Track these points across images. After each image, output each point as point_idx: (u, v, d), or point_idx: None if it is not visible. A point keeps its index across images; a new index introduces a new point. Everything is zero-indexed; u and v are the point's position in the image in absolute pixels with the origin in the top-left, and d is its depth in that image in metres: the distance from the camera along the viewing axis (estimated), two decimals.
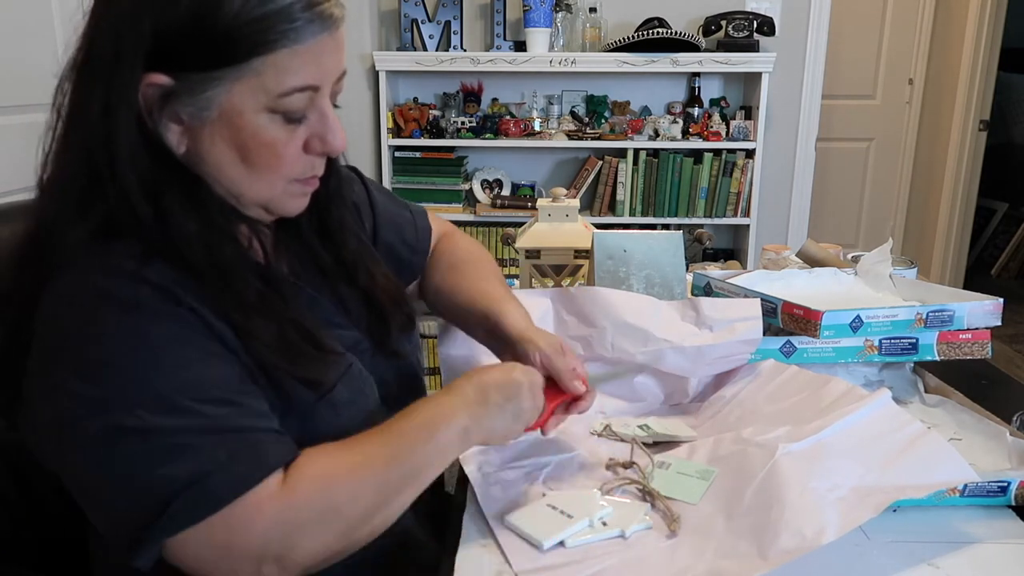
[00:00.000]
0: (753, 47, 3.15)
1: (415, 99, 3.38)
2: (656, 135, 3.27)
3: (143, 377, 0.66)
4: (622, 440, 1.00)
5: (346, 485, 0.71)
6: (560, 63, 3.13)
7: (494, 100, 3.39)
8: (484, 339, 1.01)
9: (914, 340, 1.09)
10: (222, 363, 0.71)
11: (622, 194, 3.30)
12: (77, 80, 0.71)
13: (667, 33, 3.03)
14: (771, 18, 3.15)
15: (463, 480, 0.91)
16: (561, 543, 0.79)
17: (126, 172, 0.69)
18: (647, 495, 0.86)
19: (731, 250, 3.50)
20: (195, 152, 0.73)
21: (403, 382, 0.93)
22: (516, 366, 0.85)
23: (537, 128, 3.28)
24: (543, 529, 0.80)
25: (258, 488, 0.67)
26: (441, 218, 1.17)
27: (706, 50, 3.13)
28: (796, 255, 1.51)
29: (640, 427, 1.00)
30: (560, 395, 0.90)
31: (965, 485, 0.83)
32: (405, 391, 0.92)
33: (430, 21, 3.21)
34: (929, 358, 1.10)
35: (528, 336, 0.93)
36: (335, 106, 0.78)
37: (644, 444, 0.98)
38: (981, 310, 1.10)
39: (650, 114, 3.39)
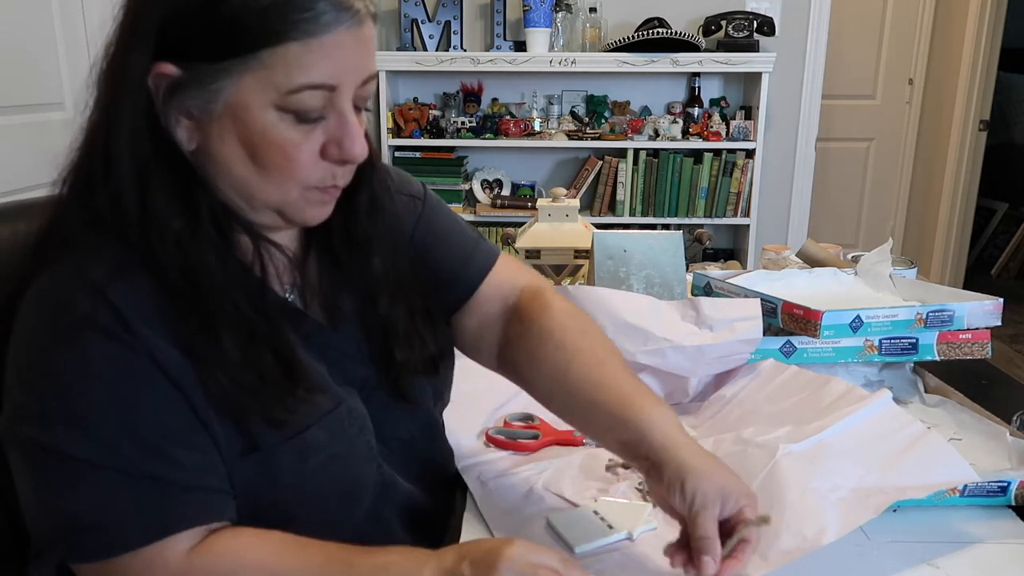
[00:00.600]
0: (753, 47, 3.16)
1: (415, 99, 3.38)
2: (656, 135, 3.27)
3: (72, 397, 0.64)
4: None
5: None
6: (560, 63, 3.13)
7: (494, 100, 3.39)
8: (615, 448, 0.79)
9: (914, 340, 1.09)
10: (164, 404, 0.66)
11: (622, 194, 3.31)
12: (100, 70, 0.69)
13: (667, 33, 3.03)
14: (771, 18, 3.15)
15: (463, 481, 0.91)
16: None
17: (123, 159, 0.67)
18: (647, 495, 0.86)
19: (731, 250, 3.51)
20: (204, 149, 0.69)
21: (415, 430, 0.85)
22: (517, 543, 0.64)
23: (537, 128, 3.28)
24: (581, 535, 0.78)
25: (155, 546, 0.64)
26: (531, 270, 0.97)
27: (706, 50, 3.14)
28: (796, 255, 1.51)
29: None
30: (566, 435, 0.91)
31: (965, 485, 0.83)
32: (416, 441, 0.85)
33: (430, 21, 3.21)
34: (929, 358, 1.10)
35: (677, 462, 0.71)
36: (365, 110, 0.73)
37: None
38: (981, 310, 1.10)
39: (650, 114, 3.39)
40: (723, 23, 3.15)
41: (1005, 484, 0.84)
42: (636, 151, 3.26)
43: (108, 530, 0.63)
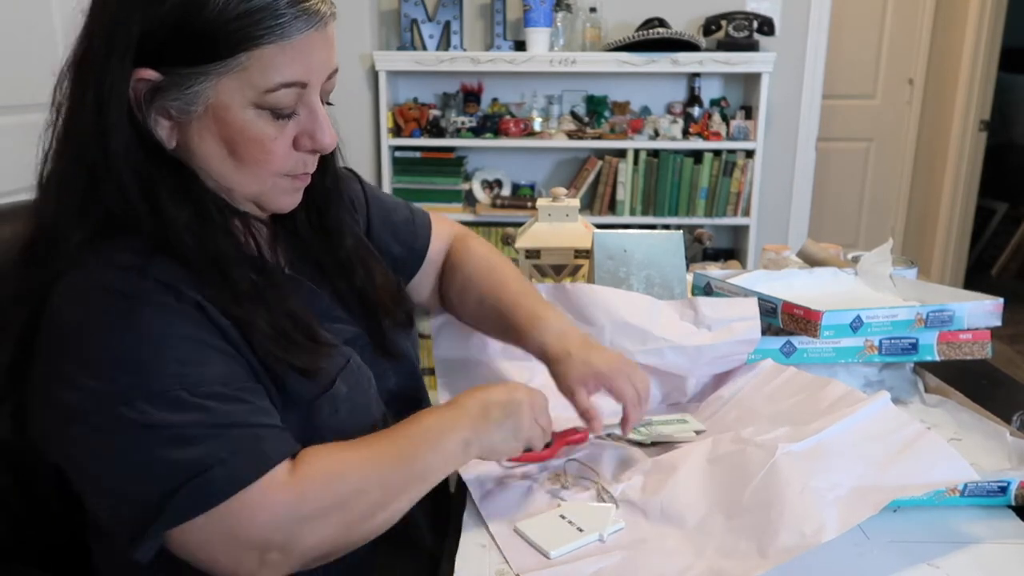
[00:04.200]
0: (753, 47, 3.15)
1: (415, 99, 3.38)
2: (656, 135, 3.27)
3: (145, 371, 0.67)
4: (621, 441, 1.00)
5: (353, 480, 0.73)
6: (560, 63, 3.13)
7: (494, 100, 3.39)
8: (521, 347, 1.01)
9: (914, 340, 1.09)
10: (224, 358, 0.72)
11: (622, 194, 3.30)
12: (73, 77, 0.72)
13: (667, 33, 3.03)
14: (771, 18, 3.15)
15: (463, 481, 0.91)
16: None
17: (120, 167, 0.70)
18: (605, 494, 0.87)
19: (731, 250, 3.50)
20: (185, 147, 0.74)
21: (402, 380, 0.94)
22: (520, 387, 0.86)
23: (537, 128, 3.28)
24: (552, 540, 0.80)
25: (261, 481, 0.68)
26: (451, 220, 1.16)
27: (706, 50, 3.13)
28: (796, 255, 1.51)
29: (641, 426, 1.00)
30: (573, 434, 0.93)
31: (965, 485, 0.83)
32: (404, 389, 0.94)
33: (430, 21, 3.21)
34: (929, 358, 1.10)
35: (561, 360, 0.94)
36: (328, 103, 0.79)
37: (641, 445, 0.98)
38: (981, 310, 1.10)
39: (650, 114, 3.39)
40: (723, 23, 3.15)
41: (1005, 484, 0.84)
42: (636, 151, 3.26)
43: (213, 477, 0.67)
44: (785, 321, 1.09)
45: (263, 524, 0.68)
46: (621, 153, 3.29)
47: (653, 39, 3.04)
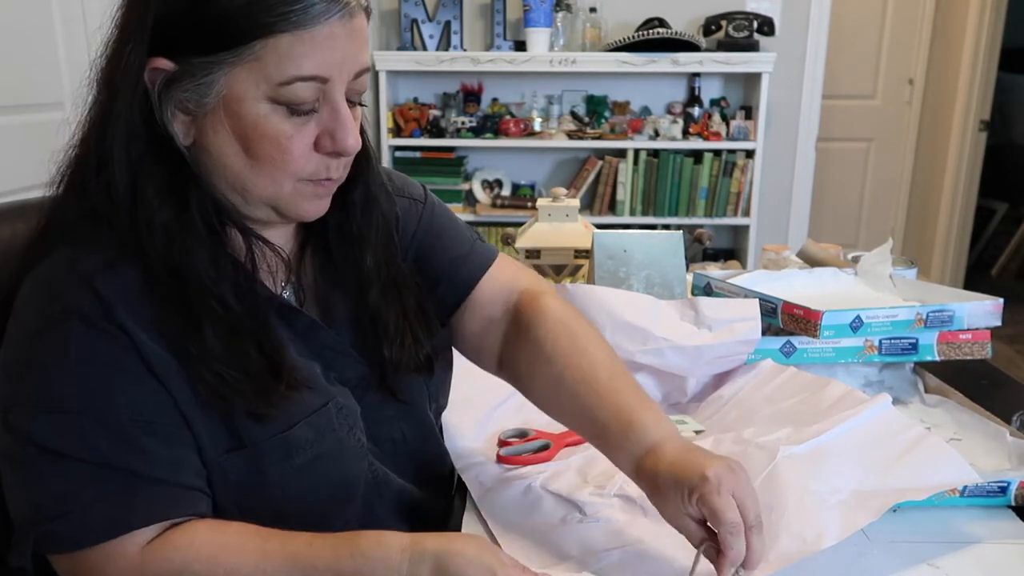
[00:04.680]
0: (753, 47, 3.16)
1: (415, 99, 3.38)
2: (656, 135, 3.27)
3: (54, 389, 0.65)
4: None
5: None
6: (560, 63, 3.13)
7: (494, 100, 3.39)
8: (606, 449, 0.79)
9: (914, 340, 1.09)
10: (143, 396, 0.66)
11: (622, 194, 3.31)
12: (99, 69, 0.71)
13: (667, 33, 3.04)
14: (771, 18, 3.16)
15: (463, 481, 0.91)
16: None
17: (117, 152, 0.68)
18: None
19: (731, 250, 3.51)
20: (200, 143, 0.70)
21: (412, 426, 0.85)
22: (495, 562, 0.63)
23: (537, 128, 3.28)
24: None
25: (108, 546, 0.64)
26: (532, 271, 0.97)
27: (706, 50, 3.14)
28: (796, 255, 1.51)
29: None
30: (572, 435, 0.91)
31: (965, 485, 0.83)
32: (414, 435, 0.85)
33: (430, 21, 3.21)
34: (929, 358, 1.10)
35: (682, 464, 0.70)
36: (360, 104, 0.74)
37: None
38: (981, 310, 1.10)
39: (650, 114, 3.39)
40: (723, 23, 3.15)
41: (1005, 484, 0.84)
42: (636, 151, 3.26)
43: (73, 522, 0.63)
44: (785, 321, 1.09)
45: None
46: (621, 153, 3.29)
47: (653, 39, 3.04)
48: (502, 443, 0.96)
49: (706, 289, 1.24)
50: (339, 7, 0.66)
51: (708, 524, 0.68)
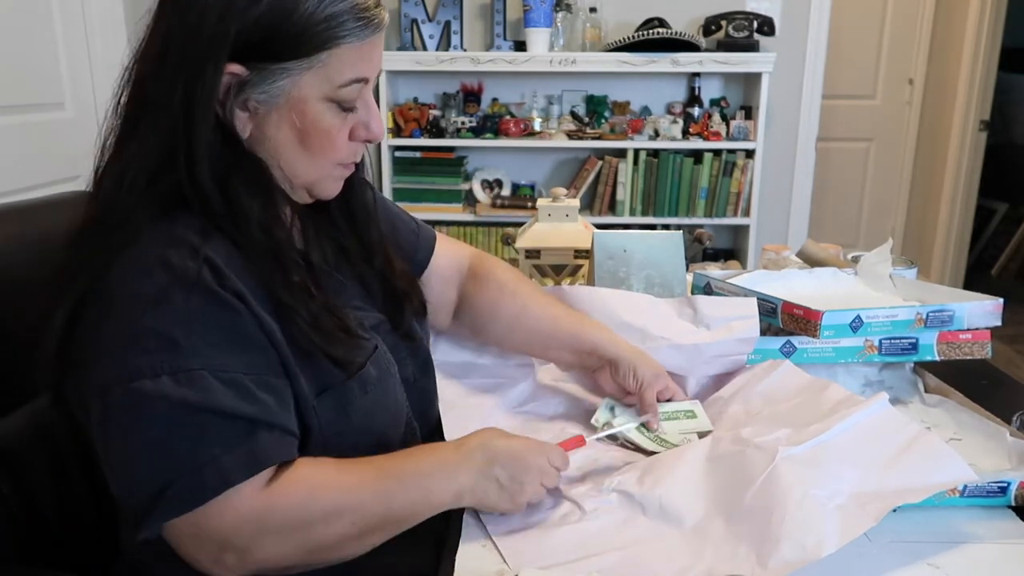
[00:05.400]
0: (753, 47, 3.15)
1: (415, 99, 3.38)
2: (656, 135, 3.27)
3: (175, 347, 0.70)
4: (622, 444, 1.00)
5: (326, 506, 0.74)
6: (560, 63, 3.13)
7: (494, 100, 3.39)
8: (568, 359, 1.08)
9: (914, 340, 1.09)
10: (254, 350, 0.74)
11: (622, 194, 3.31)
12: (157, 73, 0.75)
13: (667, 33, 3.03)
14: (771, 18, 3.15)
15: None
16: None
17: (201, 156, 0.75)
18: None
19: (731, 250, 3.51)
20: (258, 137, 0.80)
21: (418, 365, 0.97)
22: (539, 450, 0.84)
23: (537, 128, 3.28)
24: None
25: (243, 485, 0.70)
26: (465, 244, 1.19)
27: (706, 50, 3.14)
28: (796, 255, 1.51)
29: (639, 428, 1.00)
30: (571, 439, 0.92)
31: (965, 485, 0.83)
32: (420, 373, 0.97)
33: (430, 21, 3.21)
34: (929, 358, 1.10)
35: (628, 358, 1.02)
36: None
37: (641, 449, 0.98)
38: (981, 310, 1.10)
39: (650, 114, 3.39)
40: (723, 23, 3.15)
41: (1005, 484, 0.84)
42: (636, 151, 3.26)
43: (206, 472, 0.69)
44: (785, 321, 1.09)
45: (227, 525, 0.70)
46: (621, 153, 3.29)
47: (653, 39, 3.04)
48: None
49: (706, 289, 1.24)
50: (381, 24, 0.80)
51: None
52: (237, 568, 0.72)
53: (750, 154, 3.25)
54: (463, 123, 3.27)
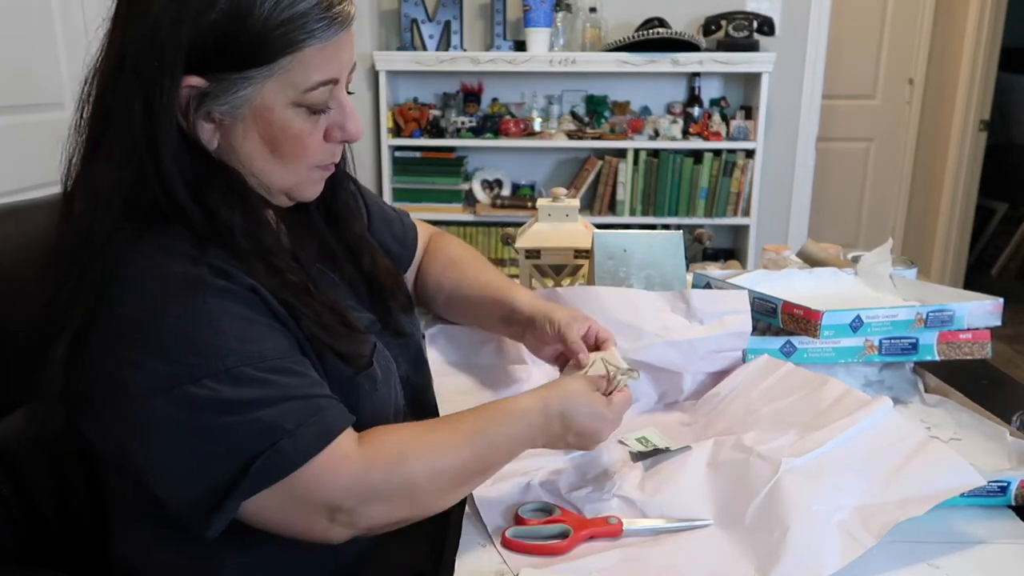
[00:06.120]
0: (753, 47, 3.16)
1: (415, 99, 3.38)
2: (656, 135, 3.27)
3: (209, 351, 0.69)
4: (621, 443, 1.00)
5: (427, 463, 0.75)
6: (560, 63, 3.13)
7: (494, 100, 3.39)
8: (498, 326, 1.09)
9: (914, 340, 1.09)
10: (280, 336, 0.75)
11: (622, 194, 3.31)
12: (114, 86, 0.73)
13: (667, 33, 3.03)
14: (771, 18, 3.16)
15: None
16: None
17: (171, 172, 0.73)
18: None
19: (731, 250, 3.51)
20: (227, 147, 0.77)
21: (409, 361, 0.97)
22: (612, 421, 0.87)
23: (537, 128, 3.28)
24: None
25: (328, 450, 0.71)
26: (423, 221, 1.23)
27: (706, 50, 3.14)
28: (796, 255, 1.51)
29: (637, 439, 0.99)
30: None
31: None
32: (412, 370, 0.97)
33: (430, 21, 3.21)
34: (929, 358, 1.10)
35: (543, 310, 1.00)
36: (349, 93, 0.82)
37: (642, 455, 0.97)
38: (981, 310, 1.10)
39: (650, 114, 3.39)
40: (723, 23, 3.15)
41: (1005, 484, 0.84)
42: (636, 151, 3.26)
43: (284, 448, 0.69)
44: (785, 321, 1.09)
45: (332, 489, 0.71)
46: (621, 153, 3.29)
47: (653, 39, 3.04)
48: (518, 519, 0.84)
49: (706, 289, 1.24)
50: (347, 20, 0.76)
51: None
52: (351, 528, 0.73)
53: (750, 154, 3.25)
54: (463, 123, 3.27)
